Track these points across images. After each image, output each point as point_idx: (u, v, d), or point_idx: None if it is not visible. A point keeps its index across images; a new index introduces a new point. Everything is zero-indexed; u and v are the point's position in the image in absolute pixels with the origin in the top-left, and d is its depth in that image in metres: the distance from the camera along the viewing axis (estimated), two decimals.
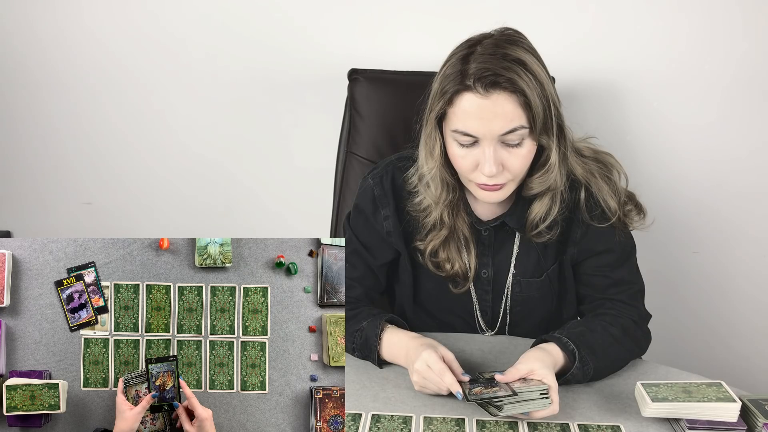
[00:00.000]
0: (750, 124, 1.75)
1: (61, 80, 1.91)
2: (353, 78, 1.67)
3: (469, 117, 1.15)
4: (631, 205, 1.31)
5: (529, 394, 1.07)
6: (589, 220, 1.28)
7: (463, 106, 1.15)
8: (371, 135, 1.65)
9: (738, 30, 1.69)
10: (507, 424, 1.09)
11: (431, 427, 1.09)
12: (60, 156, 1.98)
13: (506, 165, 1.18)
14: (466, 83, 1.14)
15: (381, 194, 1.34)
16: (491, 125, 1.14)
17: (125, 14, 1.84)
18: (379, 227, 1.35)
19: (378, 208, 1.35)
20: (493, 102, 1.13)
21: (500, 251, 1.35)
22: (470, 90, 1.13)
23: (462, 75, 1.14)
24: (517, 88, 1.12)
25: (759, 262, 1.85)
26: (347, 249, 1.37)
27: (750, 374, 1.91)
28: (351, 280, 1.34)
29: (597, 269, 1.32)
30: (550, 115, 1.17)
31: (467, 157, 1.19)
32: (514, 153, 1.17)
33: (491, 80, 1.12)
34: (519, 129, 1.15)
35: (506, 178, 1.20)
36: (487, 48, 1.15)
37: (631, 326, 1.28)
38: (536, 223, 1.27)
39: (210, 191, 1.98)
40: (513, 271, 1.34)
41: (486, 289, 1.36)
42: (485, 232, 1.33)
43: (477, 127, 1.15)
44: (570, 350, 1.17)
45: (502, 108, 1.13)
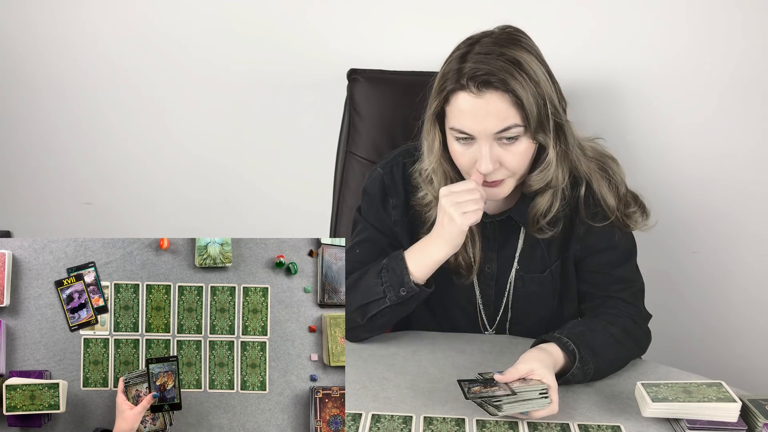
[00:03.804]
0: (750, 123, 1.75)
1: (61, 80, 1.91)
2: (352, 78, 1.67)
3: (464, 115, 1.17)
4: (635, 206, 1.31)
5: (528, 394, 1.07)
6: (588, 219, 1.29)
7: (458, 104, 1.17)
8: (371, 135, 1.65)
9: (737, 29, 1.69)
10: (507, 424, 1.09)
11: (431, 427, 1.09)
12: (60, 156, 1.98)
13: (503, 162, 1.19)
14: (461, 82, 1.15)
15: (390, 183, 1.36)
16: (485, 124, 1.16)
17: (125, 14, 1.84)
18: (387, 215, 1.37)
19: (387, 196, 1.36)
20: (486, 101, 1.14)
21: (505, 246, 1.35)
22: (464, 89, 1.15)
23: (458, 74, 1.16)
24: (509, 87, 1.14)
25: (759, 262, 1.85)
26: (357, 238, 1.37)
27: (750, 374, 1.91)
28: (361, 264, 1.33)
29: (599, 266, 1.33)
30: (546, 114, 1.18)
31: (466, 153, 1.21)
32: (510, 150, 1.19)
33: (484, 80, 1.14)
34: (513, 127, 1.16)
35: (504, 174, 1.21)
36: (484, 47, 1.17)
37: (631, 326, 1.28)
38: (537, 219, 1.28)
39: (210, 191, 1.98)
40: (516, 266, 1.35)
41: (489, 284, 1.37)
42: (490, 227, 1.34)
43: (471, 125, 1.17)
44: (570, 350, 1.17)
45: (495, 107, 1.15)
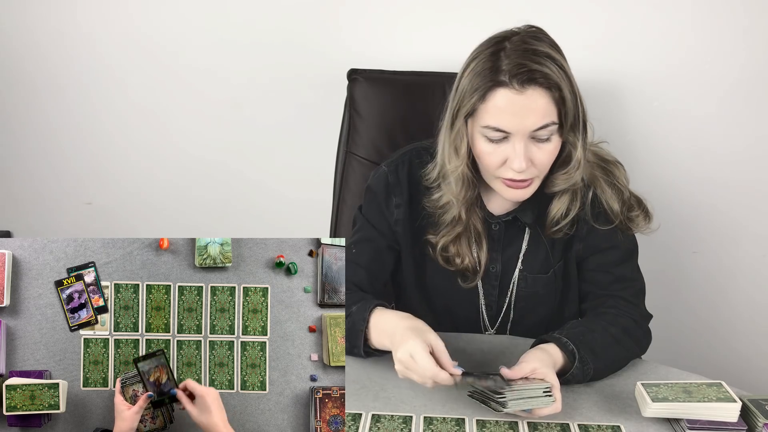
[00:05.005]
0: (750, 124, 1.75)
1: (61, 80, 1.91)
2: (353, 78, 1.67)
3: (503, 113, 1.14)
4: (639, 210, 1.31)
5: (532, 392, 1.07)
6: (591, 220, 1.29)
7: (496, 101, 1.15)
8: (371, 135, 1.65)
9: (738, 30, 1.69)
10: (507, 424, 1.09)
11: (431, 427, 1.09)
12: (60, 156, 1.98)
13: (534, 161, 1.18)
14: (501, 79, 1.13)
15: (395, 182, 1.34)
16: (525, 121, 1.14)
17: (125, 14, 1.84)
18: (389, 214, 1.35)
19: (390, 195, 1.35)
20: (528, 97, 1.13)
21: (509, 246, 1.35)
22: (505, 86, 1.13)
23: (495, 71, 1.14)
24: (552, 83, 1.13)
25: (759, 262, 1.85)
26: (355, 236, 1.36)
27: (750, 374, 1.91)
28: (357, 264, 1.32)
29: (600, 265, 1.33)
30: (578, 113, 1.18)
31: (495, 153, 1.18)
32: (542, 149, 1.18)
33: (528, 76, 1.12)
34: (550, 125, 1.16)
35: (533, 173, 1.20)
36: (517, 44, 1.15)
37: (631, 325, 1.28)
38: (558, 220, 1.28)
39: (210, 191, 1.98)
40: (520, 266, 1.35)
41: (493, 284, 1.37)
42: (496, 227, 1.33)
43: (510, 122, 1.15)
44: (569, 350, 1.17)
45: (536, 103, 1.13)
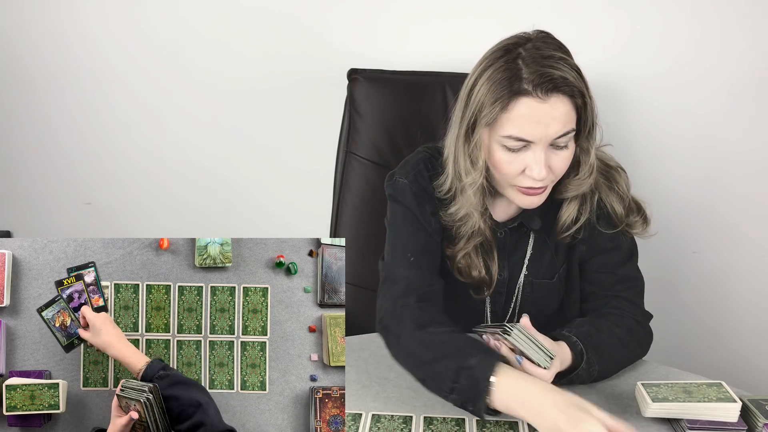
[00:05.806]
0: (750, 124, 1.75)
1: (61, 81, 1.91)
2: (353, 78, 1.67)
3: (527, 121, 1.13)
4: (638, 215, 1.31)
5: (537, 345, 1.09)
6: (596, 223, 1.29)
7: (520, 110, 1.13)
8: (371, 135, 1.65)
9: (740, 30, 1.68)
10: (507, 424, 1.09)
11: (431, 427, 1.09)
12: (60, 156, 1.98)
13: (552, 168, 1.17)
14: (524, 87, 1.12)
15: (420, 191, 1.29)
16: (548, 129, 1.13)
17: (125, 14, 1.84)
18: (426, 223, 1.29)
19: (422, 204, 1.29)
20: (551, 105, 1.12)
21: (514, 253, 1.34)
22: (528, 94, 1.12)
23: (515, 80, 1.12)
24: (575, 90, 1.13)
25: (759, 263, 1.85)
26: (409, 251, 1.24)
27: (750, 374, 1.91)
28: (430, 273, 1.26)
29: (603, 266, 1.33)
30: (593, 120, 1.19)
31: (514, 162, 1.17)
32: (560, 155, 1.17)
33: (552, 84, 1.11)
34: (570, 132, 1.16)
35: (550, 180, 1.20)
36: (533, 51, 1.13)
37: (634, 326, 1.27)
38: (569, 226, 1.28)
39: (210, 191, 1.98)
40: (525, 272, 1.35)
41: (501, 291, 1.36)
42: (501, 234, 1.33)
43: (533, 131, 1.13)
44: (578, 350, 1.17)
45: (559, 111, 1.13)
